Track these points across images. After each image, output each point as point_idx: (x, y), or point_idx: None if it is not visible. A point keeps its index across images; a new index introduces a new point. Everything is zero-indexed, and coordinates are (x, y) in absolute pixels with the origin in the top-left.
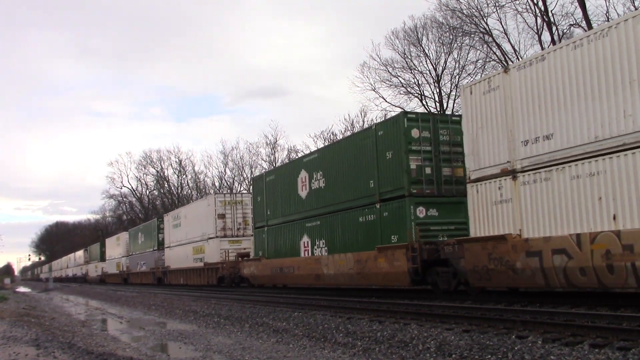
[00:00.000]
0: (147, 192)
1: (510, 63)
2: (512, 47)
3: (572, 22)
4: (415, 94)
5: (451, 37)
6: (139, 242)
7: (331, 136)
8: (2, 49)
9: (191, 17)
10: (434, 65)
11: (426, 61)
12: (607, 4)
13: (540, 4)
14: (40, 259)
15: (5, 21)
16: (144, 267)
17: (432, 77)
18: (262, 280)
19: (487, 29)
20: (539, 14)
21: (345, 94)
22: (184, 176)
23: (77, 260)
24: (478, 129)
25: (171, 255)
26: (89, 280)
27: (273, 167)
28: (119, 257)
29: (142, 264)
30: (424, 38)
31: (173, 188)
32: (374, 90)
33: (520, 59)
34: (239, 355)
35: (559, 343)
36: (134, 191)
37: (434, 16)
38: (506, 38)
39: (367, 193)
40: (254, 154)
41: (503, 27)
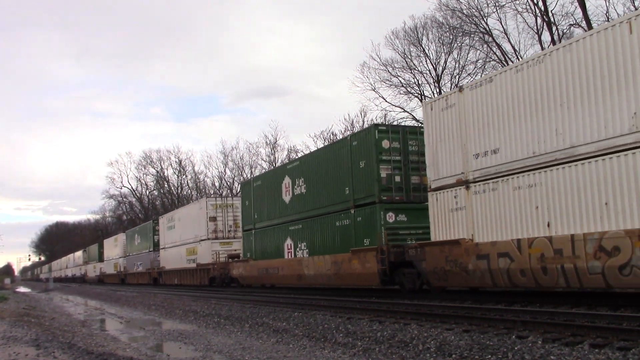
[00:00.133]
0: (147, 192)
1: (465, 83)
2: (512, 47)
3: (572, 22)
4: (415, 94)
5: (451, 37)
6: (136, 243)
7: (331, 136)
8: (2, 49)
9: (191, 17)
10: (434, 65)
11: (426, 61)
12: (607, 4)
13: (540, 4)
14: (40, 259)
15: (5, 21)
16: (141, 268)
17: (432, 77)
18: (249, 280)
19: (487, 29)
20: (539, 14)
21: (345, 94)
22: (184, 176)
23: (76, 260)
24: (437, 142)
25: (166, 256)
26: (87, 280)
27: (263, 172)
28: (116, 257)
29: (138, 264)
30: (424, 38)
31: (173, 188)
32: (374, 90)
33: (520, 59)
34: (239, 355)
35: (559, 343)
36: (134, 191)
37: (434, 16)
38: (506, 38)
39: (343, 199)
40: (254, 154)
41: (503, 27)
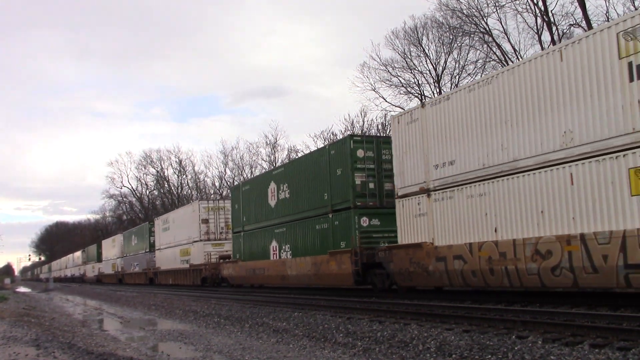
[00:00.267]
0: (147, 192)
1: (428, 99)
2: (512, 47)
3: (572, 22)
4: (415, 94)
5: (451, 37)
6: (133, 244)
7: (331, 136)
8: (2, 49)
9: (191, 17)
10: (434, 65)
11: (426, 61)
12: (607, 4)
13: (540, 4)
14: (40, 259)
15: (5, 21)
16: (137, 268)
17: (432, 77)
18: (238, 280)
19: (487, 29)
20: (539, 14)
21: (345, 94)
22: (184, 176)
23: (76, 260)
24: (403, 153)
25: (161, 257)
26: (86, 280)
27: (252, 177)
28: (114, 258)
29: (135, 264)
30: (424, 38)
31: (173, 188)
32: (374, 90)
33: (520, 59)
34: (239, 355)
35: (559, 343)
36: (134, 191)
37: (434, 16)
38: (506, 38)
39: (322, 204)
40: (254, 154)
41: (503, 27)
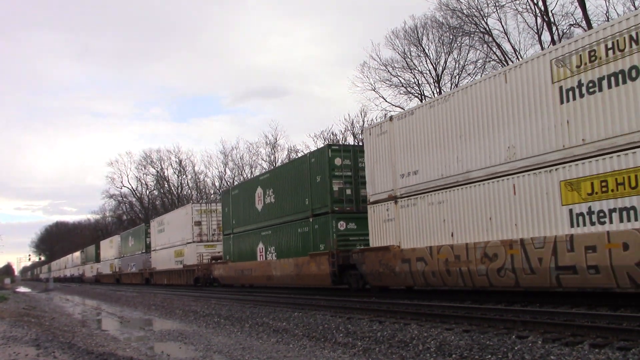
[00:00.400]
0: (147, 192)
1: (395, 113)
2: (512, 47)
3: (572, 22)
4: (415, 94)
5: (451, 37)
6: (130, 245)
7: (331, 136)
8: (3, 49)
9: (191, 17)
10: (434, 65)
11: (426, 61)
12: (607, 4)
13: (540, 4)
14: (40, 259)
15: (5, 21)
16: (134, 269)
17: (432, 77)
18: (228, 280)
19: (487, 29)
20: (539, 14)
21: (345, 94)
22: (184, 176)
23: (75, 261)
24: (374, 162)
25: (157, 258)
26: (85, 280)
27: (240, 181)
28: (112, 258)
29: (132, 265)
30: (424, 38)
31: (173, 188)
32: (374, 90)
33: (520, 59)
34: (239, 355)
35: (559, 343)
36: (134, 191)
37: (434, 16)
38: (506, 38)
39: (304, 209)
40: (254, 154)
41: (503, 27)
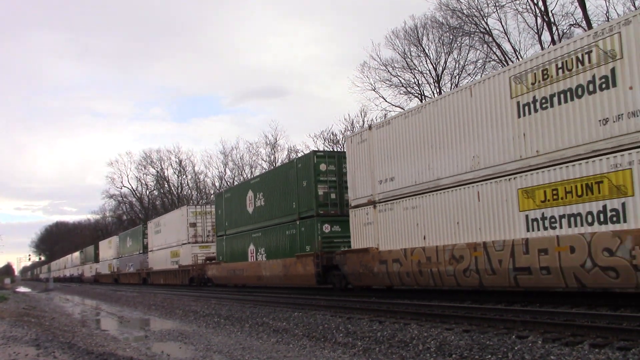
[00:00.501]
0: (147, 192)
1: (374, 122)
2: (512, 47)
3: (572, 22)
4: (415, 94)
5: (451, 37)
6: (128, 245)
7: (331, 136)
8: (3, 49)
9: (191, 17)
10: (434, 65)
11: (426, 61)
12: (607, 4)
13: (540, 4)
14: (40, 259)
15: (5, 21)
16: (132, 269)
17: (432, 77)
18: (221, 280)
19: (487, 29)
20: (539, 14)
21: (345, 94)
22: (184, 176)
23: (74, 261)
24: (355, 169)
25: (154, 258)
26: (84, 280)
27: (238, 182)
28: (110, 259)
29: (130, 265)
30: (424, 38)
31: (173, 188)
32: (374, 90)
33: (520, 59)
34: (239, 355)
35: (559, 343)
36: (134, 191)
37: (434, 16)
38: (506, 38)
39: (291, 212)
40: (254, 154)
41: (503, 27)
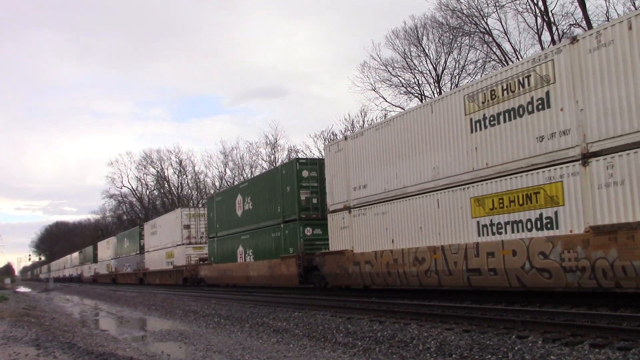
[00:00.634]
0: (147, 192)
1: (350, 132)
2: (512, 47)
3: (572, 22)
4: (416, 94)
5: (451, 37)
6: (125, 246)
7: (331, 136)
8: (3, 49)
9: (191, 17)
10: (434, 65)
11: (426, 61)
12: (607, 4)
13: (540, 4)
14: (40, 259)
15: (5, 21)
16: (129, 269)
17: (432, 77)
18: (213, 280)
19: (487, 29)
20: (539, 14)
21: (345, 94)
22: (184, 176)
23: (73, 261)
24: (333, 176)
25: (150, 259)
26: (83, 280)
27: (223, 189)
28: (108, 259)
29: (127, 265)
30: (424, 38)
31: (173, 188)
32: (374, 90)
33: (520, 59)
34: (239, 355)
35: (559, 343)
36: (134, 191)
37: (434, 16)
38: (506, 38)
39: (276, 216)
40: (254, 154)
41: (503, 27)
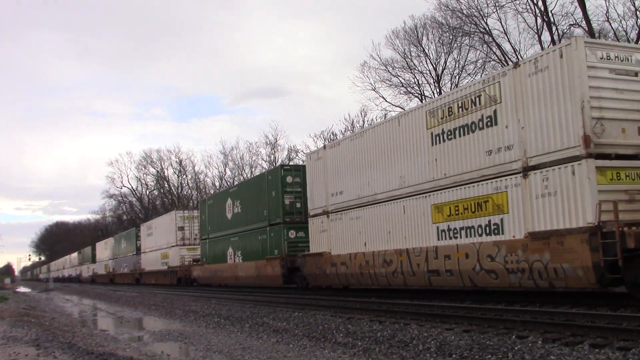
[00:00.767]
0: (147, 192)
1: (328, 142)
2: (512, 47)
3: (572, 22)
4: (415, 94)
5: (451, 37)
6: (122, 247)
7: (331, 136)
8: (3, 49)
9: (191, 17)
10: (434, 65)
11: (426, 61)
12: (607, 4)
13: (540, 4)
14: (40, 259)
15: (5, 21)
16: (126, 269)
17: (432, 77)
18: (205, 280)
19: (487, 29)
20: (539, 14)
21: (345, 94)
22: (184, 176)
23: (72, 261)
24: (313, 182)
25: (145, 259)
26: (82, 280)
27: (218, 191)
28: (106, 259)
29: (124, 266)
30: (424, 38)
31: (173, 188)
32: (374, 90)
33: (520, 59)
34: (239, 355)
35: (559, 343)
36: (134, 191)
37: (433, 16)
38: (506, 38)
39: (263, 219)
40: (254, 154)
41: (503, 27)
